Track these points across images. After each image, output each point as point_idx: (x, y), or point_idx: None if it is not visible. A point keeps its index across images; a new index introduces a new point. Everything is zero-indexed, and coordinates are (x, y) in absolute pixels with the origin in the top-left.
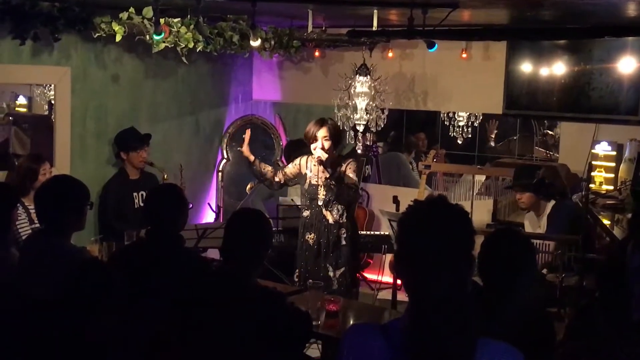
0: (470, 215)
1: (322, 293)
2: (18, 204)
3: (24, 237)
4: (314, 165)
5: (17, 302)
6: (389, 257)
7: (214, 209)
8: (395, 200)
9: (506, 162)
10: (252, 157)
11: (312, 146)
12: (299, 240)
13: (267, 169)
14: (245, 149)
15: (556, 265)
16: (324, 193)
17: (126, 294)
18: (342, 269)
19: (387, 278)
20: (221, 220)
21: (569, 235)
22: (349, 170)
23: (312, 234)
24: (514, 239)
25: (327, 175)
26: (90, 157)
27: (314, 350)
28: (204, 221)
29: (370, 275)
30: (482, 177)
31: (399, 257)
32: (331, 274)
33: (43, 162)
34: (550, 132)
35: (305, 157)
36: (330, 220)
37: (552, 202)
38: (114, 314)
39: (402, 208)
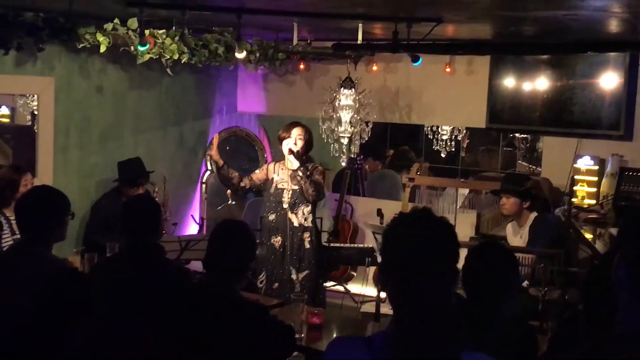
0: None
1: (305, 305)
2: None
3: (4, 248)
4: (282, 169)
5: None
6: (372, 270)
7: (197, 221)
8: (380, 213)
9: (489, 175)
10: (221, 162)
11: (285, 142)
12: (263, 244)
13: (234, 174)
14: (214, 153)
15: (539, 279)
16: (289, 197)
17: (105, 305)
18: (305, 272)
19: (371, 290)
20: (204, 232)
21: (551, 248)
22: (316, 172)
23: (278, 237)
24: (497, 253)
25: (295, 168)
26: (72, 168)
27: None
28: (187, 233)
29: (353, 288)
30: (466, 191)
31: (383, 268)
32: (294, 276)
33: (24, 173)
34: (518, 136)
35: (273, 163)
36: (295, 223)
37: (534, 214)
38: (92, 324)
39: (387, 221)
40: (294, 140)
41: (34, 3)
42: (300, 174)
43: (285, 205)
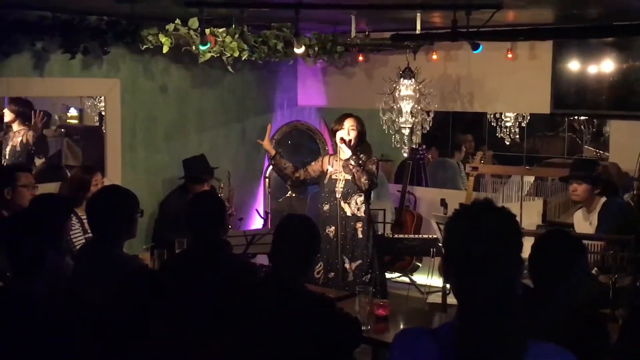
0: (519, 217)
1: (371, 298)
2: (72, 215)
3: (78, 247)
4: (336, 160)
5: (72, 310)
6: (437, 260)
7: (262, 215)
8: (443, 202)
9: (555, 162)
10: (272, 152)
11: (338, 134)
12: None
13: (288, 164)
14: (265, 142)
15: (608, 266)
16: (342, 186)
17: (175, 301)
18: (358, 262)
19: (437, 281)
20: (269, 226)
21: (620, 234)
22: (370, 162)
23: (332, 227)
24: (564, 241)
25: (347, 157)
26: (140, 166)
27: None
28: (252, 227)
29: (419, 279)
30: (531, 178)
31: (446, 260)
32: (347, 265)
33: (95, 173)
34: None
35: (328, 156)
36: (348, 213)
37: (604, 199)
38: (163, 320)
39: (450, 211)
40: (346, 132)
41: (98, 7)
42: (352, 162)
43: (338, 195)
